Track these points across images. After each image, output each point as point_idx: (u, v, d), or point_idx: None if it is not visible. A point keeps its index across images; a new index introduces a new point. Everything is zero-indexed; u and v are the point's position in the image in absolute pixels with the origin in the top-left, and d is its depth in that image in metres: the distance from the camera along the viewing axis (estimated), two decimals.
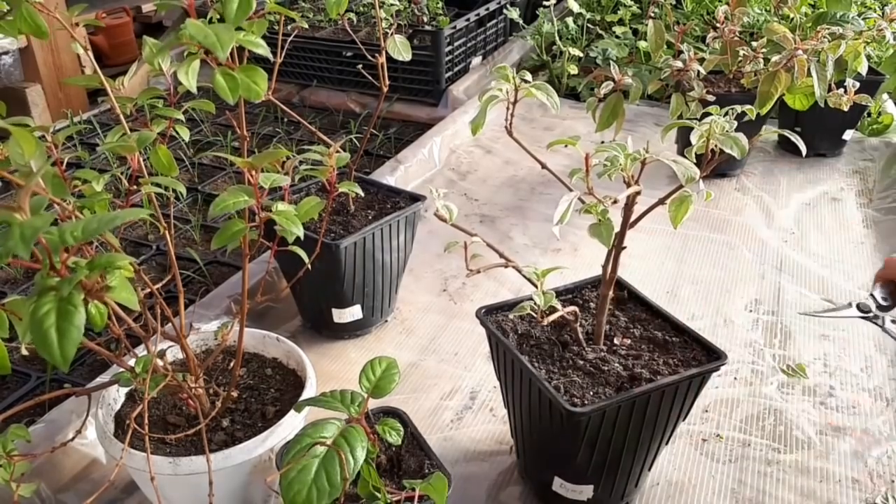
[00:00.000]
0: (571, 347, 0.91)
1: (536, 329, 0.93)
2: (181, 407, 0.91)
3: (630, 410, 0.82)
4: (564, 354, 0.90)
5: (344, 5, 0.82)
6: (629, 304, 0.98)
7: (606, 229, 0.76)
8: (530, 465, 0.99)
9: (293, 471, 0.64)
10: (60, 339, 0.48)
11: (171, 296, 1.23)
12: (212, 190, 1.87)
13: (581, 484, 0.90)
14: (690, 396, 0.87)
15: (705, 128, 0.78)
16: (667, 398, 0.84)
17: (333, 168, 0.86)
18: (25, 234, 0.45)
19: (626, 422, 0.83)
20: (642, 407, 0.83)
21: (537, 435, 0.91)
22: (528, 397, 0.88)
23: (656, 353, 0.89)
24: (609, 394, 0.83)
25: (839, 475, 1.02)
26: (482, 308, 0.95)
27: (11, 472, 0.72)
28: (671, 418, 0.87)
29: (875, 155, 1.98)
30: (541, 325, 0.92)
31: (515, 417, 0.96)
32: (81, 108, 2.50)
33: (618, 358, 0.89)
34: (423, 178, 1.89)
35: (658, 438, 0.89)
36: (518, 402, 0.92)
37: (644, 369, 0.85)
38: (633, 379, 0.85)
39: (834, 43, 1.41)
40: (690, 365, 0.86)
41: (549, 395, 0.81)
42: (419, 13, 2.51)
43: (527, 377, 0.86)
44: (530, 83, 0.84)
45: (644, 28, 2.11)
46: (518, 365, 0.87)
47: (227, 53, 0.53)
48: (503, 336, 0.91)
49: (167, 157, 0.78)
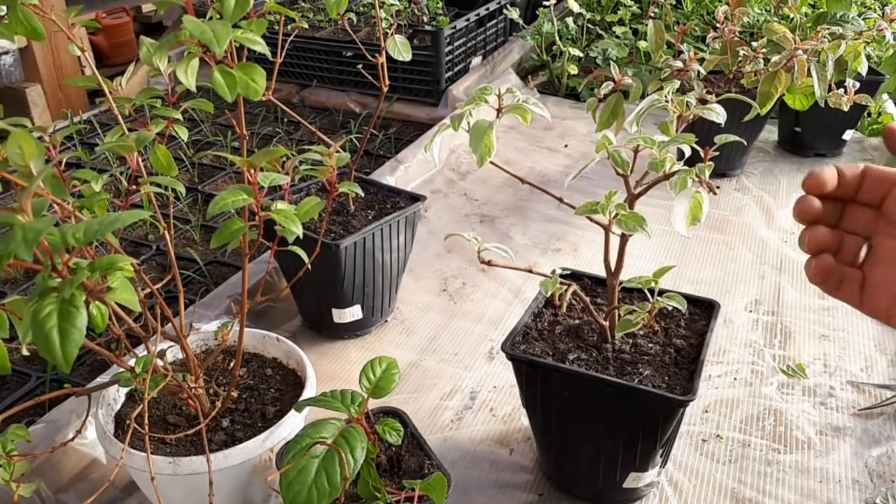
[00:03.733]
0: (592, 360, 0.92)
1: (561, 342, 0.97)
2: (181, 407, 0.91)
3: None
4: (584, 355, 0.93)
5: (344, 5, 0.82)
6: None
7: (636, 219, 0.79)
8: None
9: (293, 471, 0.64)
10: (62, 341, 0.48)
11: (171, 296, 1.23)
12: (212, 190, 1.86)
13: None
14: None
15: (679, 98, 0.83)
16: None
17: (333, 168, 0.86)
18: (28, 237, 0.45)
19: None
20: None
21: None
22: None
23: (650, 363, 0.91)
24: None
25: (839, 475, 1.02)
26: (505, 351, 0.93)
27: (11, 472, 0.72)
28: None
29: (875, 155, 1.98)
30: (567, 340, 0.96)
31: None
32: (81, 108, 2.50)
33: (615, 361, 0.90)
34: (423, 178, 1.89)
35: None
36: None
37: None
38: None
39: (834, 43, 1.41)
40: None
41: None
42: (419, 13, 2.51)
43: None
44: (510, 105, 0.81)
45: (644, 28, 2.11)
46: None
47: (223, 49, 0.53)
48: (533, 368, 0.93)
49: (166, 157, 0.78)
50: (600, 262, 0.92)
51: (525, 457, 1.05)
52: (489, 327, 1.33)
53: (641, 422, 0.86)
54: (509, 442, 1.08)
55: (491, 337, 1.31)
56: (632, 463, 0.90)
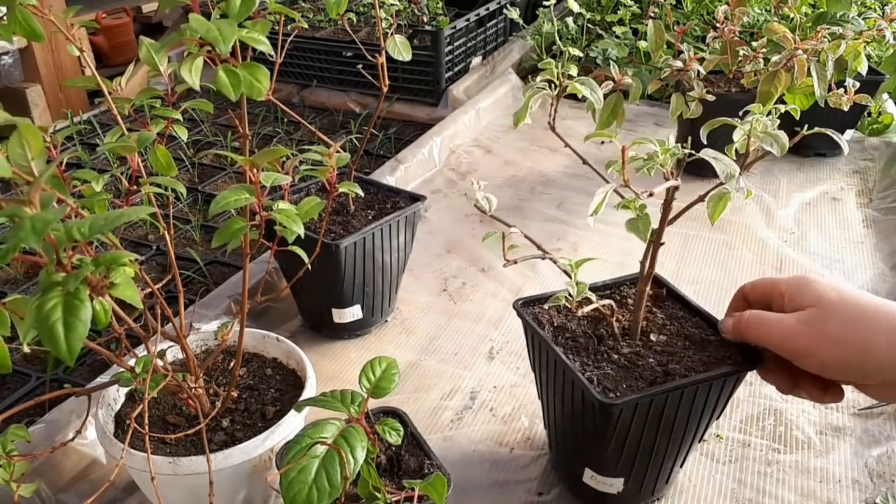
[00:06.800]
0: (607, 341, 0.91)
1: (573, 322, 0.94)
2: (181, 407, 0.91)
3: (663, 404, 0.82)
4: (599, 348, 0.90)
5: (344, 5, 0.82)
6: (667, 301, 0.99)
7: (644, 223, 0.77)
8: (561, 458, 1.00)
9: (293, 471, 0.64)
10: (67, 334, 0.48)
11: (171, 296, 1.23)
12: (212, 190, 1.87)
13: (612, 476, 0.91)
14: (725, 394, 0.87)
15: (747, 127, 0.80)
16: (700, 394, 0.84)
17: (333, 168, 0.86)
18: (37, 227, 0.46)
19: (658, 416, 0.83)
20: (675, 402, 0.83)
21: (570, 426, 0.92)
22: (563, 388, 0.88)
23: (691, 350, 0.89)
24: (642, 387, 0.83)
25: (839, 475, 1.02)
26: (519, 300, 0.96)
27: (11, 472, 0.72)
28: (704, 415, 0.87)
29: (875, 155, 1.98)
30: (577, 318, 0.93)
31: (549, 409, 0.97)
32: (81, 109, 2.50)
33: (653, 353, 0.89)
34: (423, 178, 1.89)
35: (690, 435, 0.89)
36: (552, 393, 0.93)
37: (678, 365, 0.85)
38: (666, 374, 0.85)
39: (834, 43, 1.41)
40: (725, 363, 0.86)
41: (581, 385, 0.82)
42: (419, 13, 2.51)
43: (561, 368, 0.87)
44: (575, 78, 0.87)
45: (644, 28, 2.11)
46: (552, 356, 0.88)
47: (229, 47, 0.53)
48: (539, 328, 0.91)
49: (166, 158, 0.78)
50: (601, 261, 0.92)
51: (525, 456, 1.05)
52: (489, 327, 1.33)
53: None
54: (509, 442, 1.08)
55: (491, 337, 1.31)
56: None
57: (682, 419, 0.86)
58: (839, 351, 0.69)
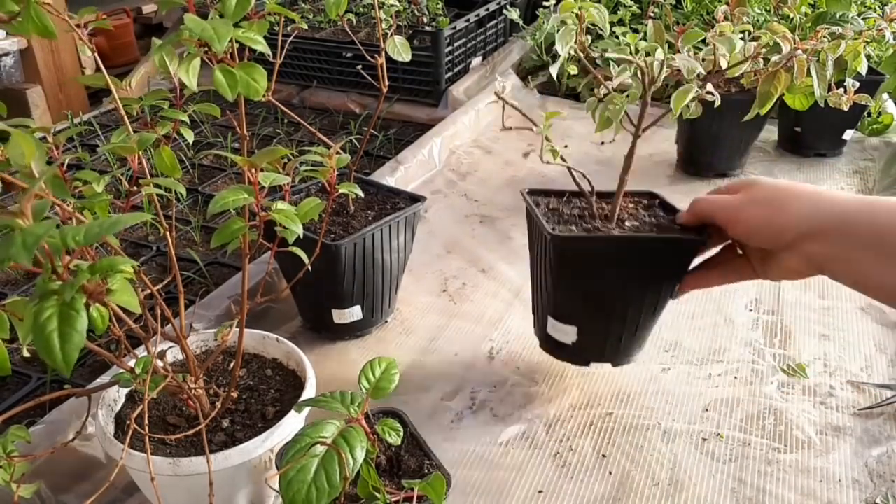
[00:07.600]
0: (587, 221, 1.05)
1: (565, 208, 1.09)
2: (181, 408, 0.91)
3: (613, 253, 0.98)
4: (578, 222, 1.04)
5: (343, 6, 0.82)
6: (657, 209, 1.10)
7: (616, 106, 0.96)
8: (537, 324, 1.15)
9: (293, 470, 0.64)
10: (63, 344, 0.48)
11: (171, 297, 1.23)
12: (212, 191, 1.87)
13: (569, 324, 1.05)
14: (671, 261, 1.00)
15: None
16: (644, 254, 0.99)
17: (334, 169, 0.86)
18: (27, 242, 0.46)
19: (612, 262, 0.99)
20: (623, 253, 0.99)
21: (538, 278, 1.08)
22: (538, 248, 1.04)
23: (654, 231, 1.02)
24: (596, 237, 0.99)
25: (839, 475, 1.02)
26: (526, 188, 1.12)
27: (12, 472, 0.72)
28: (653, 279, 1.01)
29: (875, 155, 1.98)
30: (570, 205, 1.09)
31: (532, 273, 1.12)
32: (82, 110, 2.50)
33: (618, 230, 1.02)
34: (423, 179, 1.89)
35: (643, 295, 1.02)
36: (535, 258, 1.08)
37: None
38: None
39: (834, 43, 1.40)
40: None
41: (542, 226, 0.98)
42: (419, 14, 2.51)
43: (540, 232, 1.01)
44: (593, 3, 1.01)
45: (644, 28, 2.11)
46: (535, 224, 1.02)
47: (223, 46, 0.54)
48: (535, 207, 1.06)
49: (171, 159, 0.78)
50: None
51: (525, 456, 1.05)
52: (489, 327, 1.33)
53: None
54: (509, 441, 1.08)
55: (491, 337, 1.31)
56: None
57: (633, 276, 1.00)
58: (762, 210, 0.81)
